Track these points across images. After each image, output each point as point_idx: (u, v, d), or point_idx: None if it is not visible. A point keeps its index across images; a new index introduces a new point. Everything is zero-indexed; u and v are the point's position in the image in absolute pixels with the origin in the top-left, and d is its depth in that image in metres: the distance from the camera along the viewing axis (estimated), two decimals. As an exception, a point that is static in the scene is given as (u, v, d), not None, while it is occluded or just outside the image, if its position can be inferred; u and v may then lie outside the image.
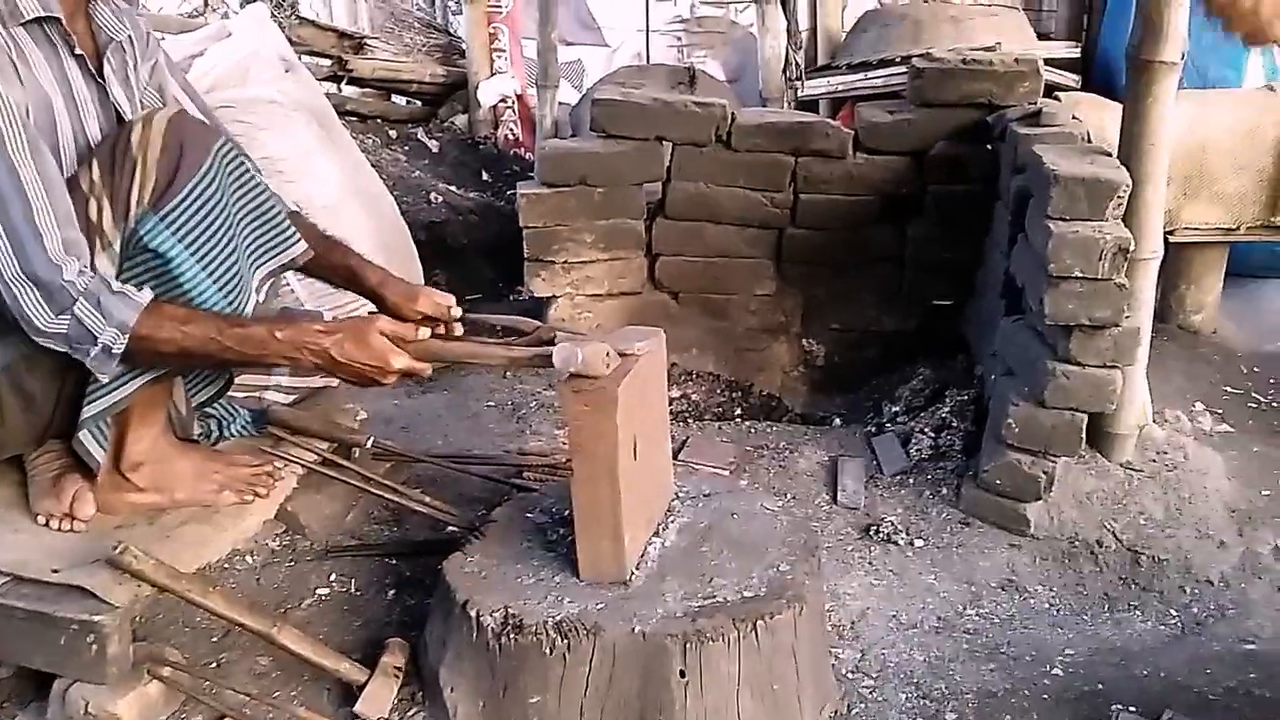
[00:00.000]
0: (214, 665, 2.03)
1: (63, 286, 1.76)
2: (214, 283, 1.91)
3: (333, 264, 2.24)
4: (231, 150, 1.98)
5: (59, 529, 2.04)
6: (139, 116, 1.94)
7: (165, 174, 1.89)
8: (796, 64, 5.04)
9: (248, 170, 2.00)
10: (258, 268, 2.02)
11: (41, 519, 2.05)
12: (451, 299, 2.21)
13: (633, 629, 1.78)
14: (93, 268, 1.84)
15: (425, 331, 1.98)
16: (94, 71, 1.97)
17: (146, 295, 1.83)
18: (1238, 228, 3.65)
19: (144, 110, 2.03)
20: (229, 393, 2.30)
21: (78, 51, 1.93)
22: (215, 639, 2.08)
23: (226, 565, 2.25)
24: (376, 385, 1.93)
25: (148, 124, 1.91)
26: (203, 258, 1.90)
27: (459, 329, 2.23)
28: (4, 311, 1.81)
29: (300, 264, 2.12)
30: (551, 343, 2.21)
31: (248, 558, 2.29)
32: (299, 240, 2.08)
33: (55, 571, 1.89)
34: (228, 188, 1.95)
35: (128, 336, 1.79)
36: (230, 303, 1.92)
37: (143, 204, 1.88)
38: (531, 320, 2.28)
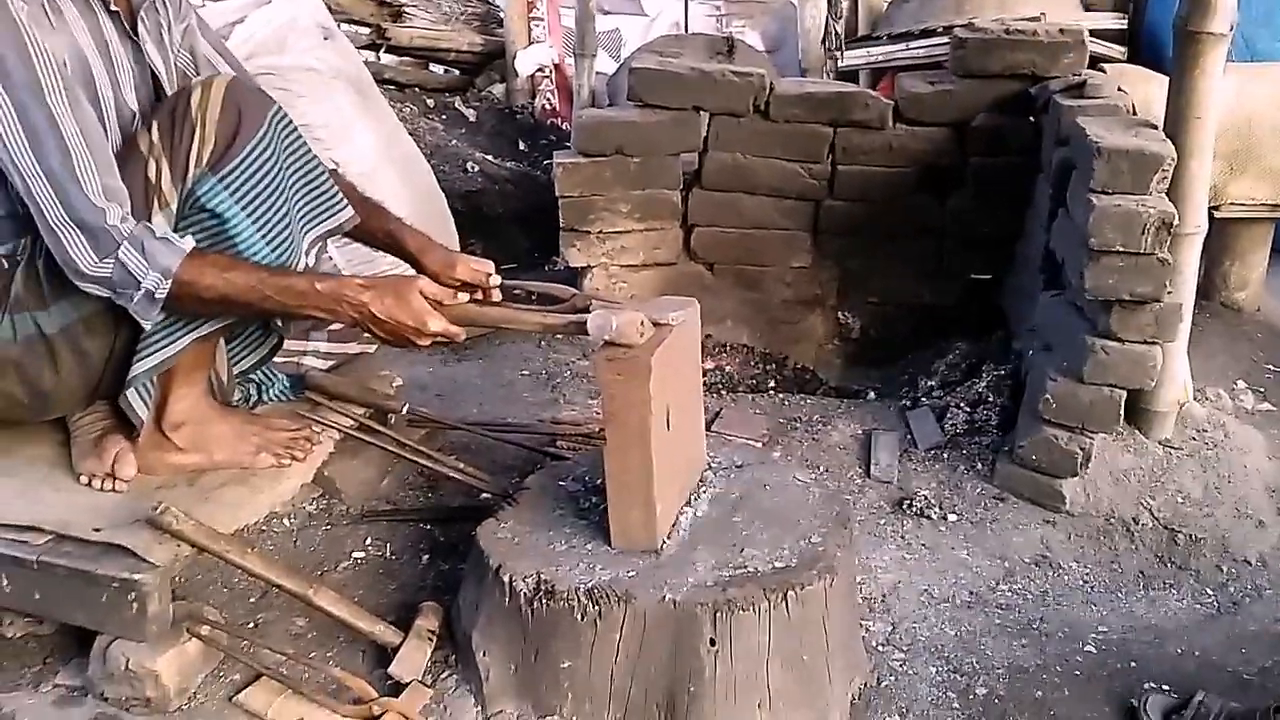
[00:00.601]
0: (251, 625, 2.06)
1: (107, 230, 1.79)
2: (268, 244, 1.93)
3: (373, 228, 2.25)
4: (285, 116, 2.01)
5: (101, 489, 2.07)
6: (197, 81, 1.97)
7: (224, 137, 1.92)
8: (836, 34, 4.98)
9: (299, 136, 2.03)
10: (307, 231, 2.05)
11: (84, 479, 2.09)
12: (490, 265, 2.21)
13: (663, 597, 1.79)
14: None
15: (464, 296, 1.99)
16: (128, 30, 1.99)
17: (189, 242, 1.86)
18: (1284, 204, 3.58)
19: (200, 75, 2.06)
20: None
21: (113, 8, 1.95)
22: (253, 600, 2.11)
23: (264, 528, 2.27)
24: (411, 345, 1.93)
25: (206, 88, 1.94)
26: (258, 219, 1.92)
27: (497, 295, 2.24)
28: (55, 268, 1.84)
29: (346, 230, 2.14)
30: (587, 310, 2.22)
31: (285, 520, 2.31)
32: (346, 206, 2.11)
33: (97, 530, 1.92)
34: (282, 152, 1.97)
35: (170, 281, 1.82)
36: (281, 263, 1.95)
37: (201, 165, 1.92)
38: (569, 288, 2.28)
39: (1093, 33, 3.72)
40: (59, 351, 1.94)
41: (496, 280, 2.21)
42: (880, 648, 2.16)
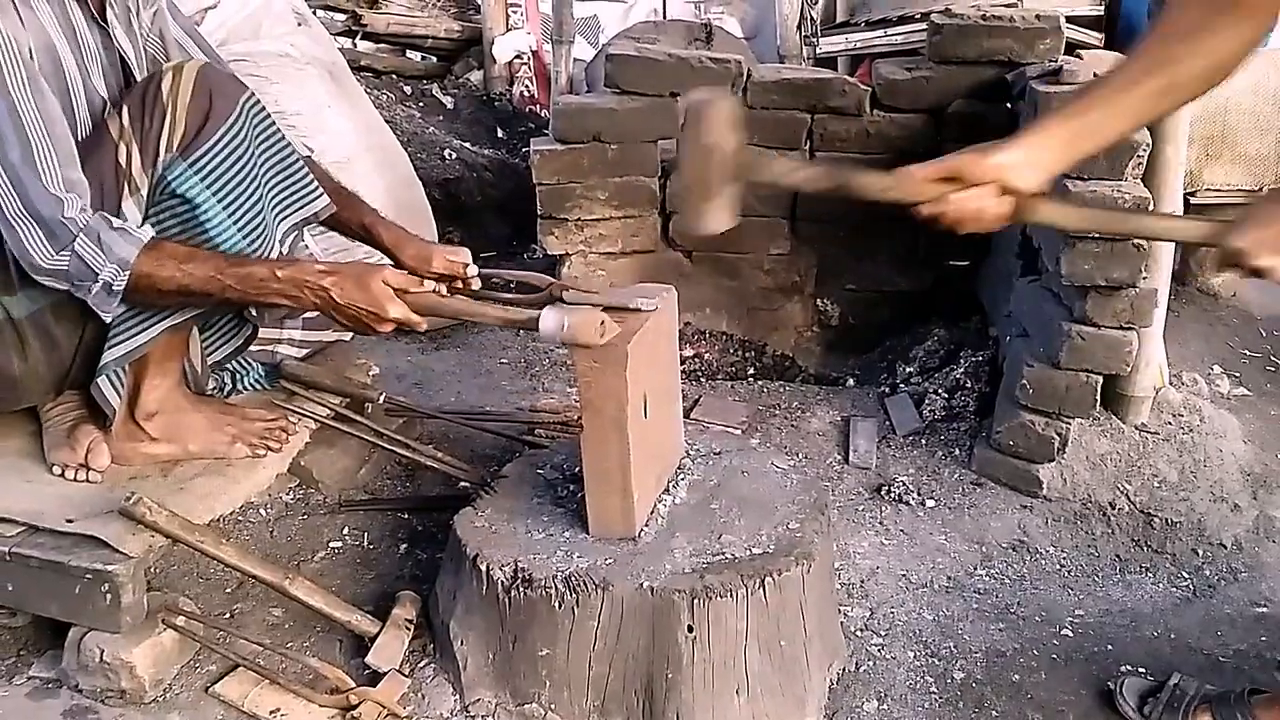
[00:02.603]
0: (227, 616, 2.05)
1: (63, 223, 1.77)
2: (239, 231, 1.91)
3: (348, 220, 2.23)
4: (257, 103, 1.99)
5: (74, 479, 2.06)
6: (169, 66, 1.95)
7: (195, 122, 1.90)
8: (812, 19, 4.98)
9: (272, 123, 2.01)
10: (281, 220, 2.03)
11: (56, 469, 2.07)
12: (467, 255, 2.19)
13: (641, 584, 1.79)
14: (119, 213, 1.85)
15: (430, 284, 1.95)
16: (97, 16, 1.97)
17: (147, 232, 1.84)
18: (1259, 190, 3.60)
19: (170, 60, 2.04)
20: (242, 347, 2.31)
21: None
22: (229, 590, 2.10)
23: (240, 518, 2.26)
24: (373, 332, 1.90)
25: (178, 73, 1.92)
26: (229, 205, 1.91)
27: (476, 285, 2.22)
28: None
29: (322, 218, 2.12)
30: (563, 300, 2.20)
31: (261, 510, 2.30)
32: (322, 194, 2.09)
33: (70, 521, 1.91)
34: (254, 139, 1.96)
35: (128, 273, 1.79)
36: (255, 251, 1.93)
37: (172, 151, 1.90)
38: (546, 276, 2.27)
39: (1069, 19, 3.73)
40: (27, 337, 1.92)
41: (474, 270, 2.19)
42: (858, 633, 2.17)
